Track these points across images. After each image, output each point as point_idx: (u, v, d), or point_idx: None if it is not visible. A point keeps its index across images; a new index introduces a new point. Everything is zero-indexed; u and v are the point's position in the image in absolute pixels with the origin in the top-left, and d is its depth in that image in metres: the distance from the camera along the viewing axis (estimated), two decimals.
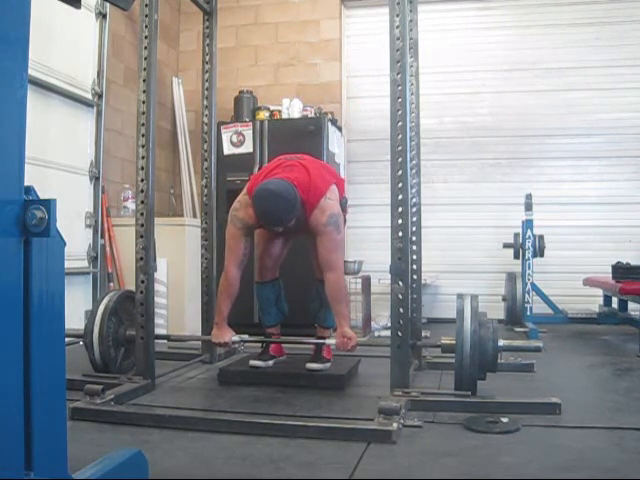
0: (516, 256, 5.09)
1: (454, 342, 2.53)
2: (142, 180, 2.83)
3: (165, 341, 3.50)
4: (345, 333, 2.84)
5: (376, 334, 4.87)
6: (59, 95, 4.24)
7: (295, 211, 2.72)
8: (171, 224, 4.63)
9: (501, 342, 2.53)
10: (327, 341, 2.98)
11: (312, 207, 2.80)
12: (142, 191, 2.83)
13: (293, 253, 3.26)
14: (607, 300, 5.09)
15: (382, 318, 5.08)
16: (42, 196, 1.06)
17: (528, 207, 4.87)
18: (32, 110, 3.61)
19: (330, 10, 5.82)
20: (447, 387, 2.75)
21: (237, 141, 5.06)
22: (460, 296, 2.63)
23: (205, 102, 3.61)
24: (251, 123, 5.07)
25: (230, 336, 3.01)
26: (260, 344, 3.23)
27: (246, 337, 3.09)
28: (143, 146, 2.83)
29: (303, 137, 4.86)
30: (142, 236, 2.83)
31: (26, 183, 1.04)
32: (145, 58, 2.85)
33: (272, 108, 5.24)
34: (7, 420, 0.98)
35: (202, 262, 3.54)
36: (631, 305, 4.73)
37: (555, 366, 3.45)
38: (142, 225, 2.83)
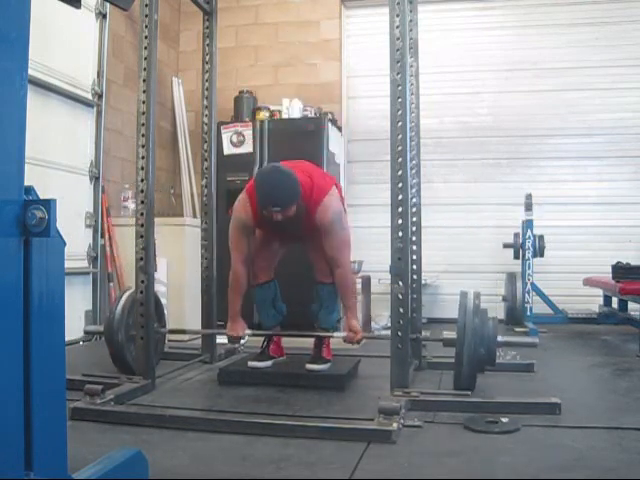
0: (516, 256, 5.09)
1: (455, 337, 2.58)
2: (142, 180, 2.84)
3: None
4: (352, 327, 2.93)
5: (376, 334, 4.87)
6: (59, 95, 4.24)
7: (296, 194, 2.72)
8: (171, 224, 4.62)
9: (500, 338, 2.63)
10: (335, 334, 3.04)
11: (316, 204, 2.81)
12: (142, 191, 2.84)
13: (293, 254, 3.25)
14: (607, 300, 5.09)
15: (382, 318, 5.08)
16: (42, 196, 1.06)
17: (528, 207, 4.87)
18: (32, 110, 3.60)
19: (330, 10, 5.82)
20: (447, 387, 2.75)
21: (237, 141, 5.06)
22: (463, 293, 2.69)
23: (205, 102, 3.61)
24: (251, 123, 5.08)
25: (244, 329, 3.10)
26: (261, 343, 3.23)
27: (257, 332, 3.23)
28: (143, 146, 2.83)
29: (303, 137, 4.86)
30: (142, 236, 2.83)
31: (26, 183, 1.04)
32: (145, 58, 2.86)
33: (272, 108, 5.24)
34: (7, 420, 0.98)
35: (202, 262, 3.54)
36: (631, 305, 4.72)
37: (555, 366, 3.45)
38: (142, 225, 2.83)
